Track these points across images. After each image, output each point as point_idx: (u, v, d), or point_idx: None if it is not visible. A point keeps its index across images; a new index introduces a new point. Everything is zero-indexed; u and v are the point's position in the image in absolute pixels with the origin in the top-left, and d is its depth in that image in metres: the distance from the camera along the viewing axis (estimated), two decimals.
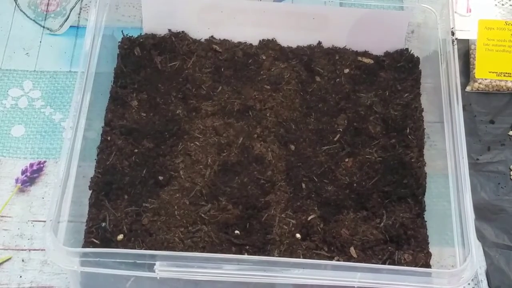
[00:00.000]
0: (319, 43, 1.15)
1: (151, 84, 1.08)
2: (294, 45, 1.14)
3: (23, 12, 1.21)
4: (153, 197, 0.97)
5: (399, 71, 1.12)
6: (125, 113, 1.05)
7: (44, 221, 0.96)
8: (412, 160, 1.02)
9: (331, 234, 0.96)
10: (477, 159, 1.09)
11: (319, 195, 0.99)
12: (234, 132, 1.04)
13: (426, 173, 1.02)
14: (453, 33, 1.06)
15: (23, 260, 0.98)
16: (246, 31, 1.14)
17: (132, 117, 1.05)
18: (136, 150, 1.01)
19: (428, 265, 0.95)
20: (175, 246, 0.93)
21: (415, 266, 0.93)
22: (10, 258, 0.98)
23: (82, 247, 0.94)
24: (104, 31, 1.07)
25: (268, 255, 0.93)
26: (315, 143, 1.04)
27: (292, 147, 1.03)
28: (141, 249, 0.91)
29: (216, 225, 0.95)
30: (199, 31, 1.14)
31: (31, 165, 1.06)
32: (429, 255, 0.96)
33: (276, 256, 0.92)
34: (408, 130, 1.05)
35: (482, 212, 1.05)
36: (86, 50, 1.02)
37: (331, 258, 0.94)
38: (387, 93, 1.09)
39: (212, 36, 1.14)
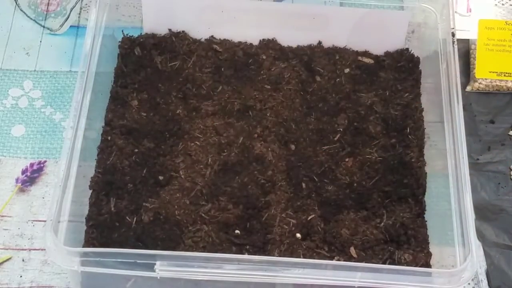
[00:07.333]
0: (319, 43, 1.15)
1: (151, 84, 1.08)
2: (294, 45, 1.14)
3: (23, 12, 1.21)
4: (153, 197, 0.97)
5: (399, 71, 1.12)
6: (126, 113, 1.05)
7: (45, 221, 0.96)
8: (412, 160, 1.02)
9: (331, 234, 0.96)
10: (477, 159, 1.10)
11: (320, 194, 0.99)
12: (234, 132, 1.04)
13: (426, 173, 1.02)
14: (453, 35, 1.06)
15: (23, 260, 0.98)
16: (246, 31, 1.14)
17: (133, 117, 1.05)
18: (136, 150, 1.01)
19: (428, 265, 0.95)
20: (176, 246, 0.93)
21: (415, 266, 0.93)
22: (10, 258, 0.98)
23: (83, 247, 0.94)
24: (104, 31, 1.07)
25: (269, 255, 0.93)
26: (316, 143, 1.04)
27: (293, 146, 1.04)
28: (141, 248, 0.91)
29: (217, 224, 0.96)
30: (199, 31, 1.14)
31: (31, 165, 1.06)
32: (429, 255, 0.96)
33: (277, 256, 0.92)
34: (408, 130, 1.05)
35: (482, 212, 1.05)
36: (86, 50, 1.02)
37: (331, 258, 0.94)
38: (387, 93, 1.09)
39: (212, 36, 1.14)
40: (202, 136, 1.03)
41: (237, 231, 0.95)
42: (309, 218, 0.97)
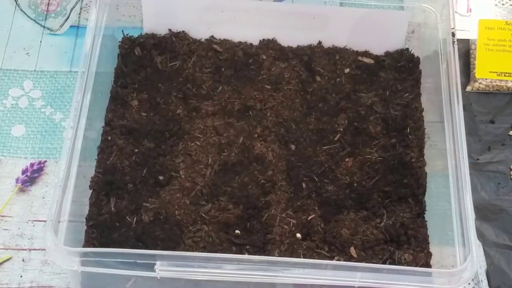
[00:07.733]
0: (320, 43, 1.15)
1: (152, 84, 1.08)
2: (294, 45, 1.14)
3: (24, 12, 1.21)
4: (154, 197, 0.97)
5: (399, 71, 1.12)
6: (126, 113, 1.05)
7: (45, 221, 0.96)
8: (412, 160, 1.02)
9: (331, 234, 0.96)
10: (478, 159, 1.10)
11: (320, 194, 0.99)
12: (234, 132, 1.04)
13: (426, 173, 1.02)
14: (453, 35, 1.06)
15: (23, 260, 0.98)
16: (247, 31, 1.14)
17: (133, 116, 1.05)
18: (136, 150, 1.01)
19: (428, 265, 0.95)
20: (176, 246, 0.93)
21: (415, 266, 0.93)
22: (10, 258, 0.98)
23: (83, 247, 0.94)
24: (105, 31, 1.07)
25: (269, 255, 0.93)
26: (316, 143, 1.04)
27: (293, 146, 1.04)
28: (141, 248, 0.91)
29: (217, 224, 0.96)
30: (199, 31, 1.14)
31: (32, 165, 1.06)
32: (429, 255, 0.96)
33: (277, 256, 0.92)
34: (408, 130, 1.05)
35: (482, 212, 1.05)
36: (86, 50, 1.02)
37: (331, 258, 0.94)
38: (387, 93, 1.09)
39: (212, 36, 1.14)
40: (202, 136, 1.03)
41: (237, 231, 0.95)
42: (309, 218, 0.97)
